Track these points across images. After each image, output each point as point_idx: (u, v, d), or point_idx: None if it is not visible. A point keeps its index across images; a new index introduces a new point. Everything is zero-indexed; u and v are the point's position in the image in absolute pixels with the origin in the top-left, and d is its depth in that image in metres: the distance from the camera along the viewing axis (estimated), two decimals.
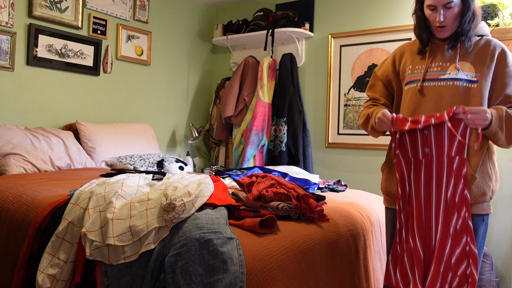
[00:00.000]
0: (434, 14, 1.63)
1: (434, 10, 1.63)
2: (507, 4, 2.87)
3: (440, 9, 1.60)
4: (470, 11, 1.60)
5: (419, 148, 1.62)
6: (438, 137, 1.57)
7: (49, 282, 1.55)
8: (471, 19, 1.61)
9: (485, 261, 2.84)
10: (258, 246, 1.41)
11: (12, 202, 1.95)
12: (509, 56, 1.65)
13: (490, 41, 1.68)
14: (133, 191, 1.73)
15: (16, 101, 2.96)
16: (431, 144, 1.59)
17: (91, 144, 3.05)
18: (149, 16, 3.82)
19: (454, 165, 1.56)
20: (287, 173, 2.51)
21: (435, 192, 1.59)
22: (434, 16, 1.63)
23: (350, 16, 3.66)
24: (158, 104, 3.97)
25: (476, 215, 1.63)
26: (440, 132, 1.56)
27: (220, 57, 4.51)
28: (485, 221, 1.66)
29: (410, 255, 1.63)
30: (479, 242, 1.64)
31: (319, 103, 3.83)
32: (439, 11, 1.61)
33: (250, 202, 1.76)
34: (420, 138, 1.61)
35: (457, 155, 1.57)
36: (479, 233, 1.64)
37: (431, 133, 1.58)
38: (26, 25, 2.98)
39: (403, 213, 1.67)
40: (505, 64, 1.63)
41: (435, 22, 1.63)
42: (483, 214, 1.65)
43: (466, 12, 1.60)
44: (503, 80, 1.62)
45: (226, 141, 4.20)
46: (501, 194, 2.97)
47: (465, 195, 1.54)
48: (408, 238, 1.64)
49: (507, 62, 1.64)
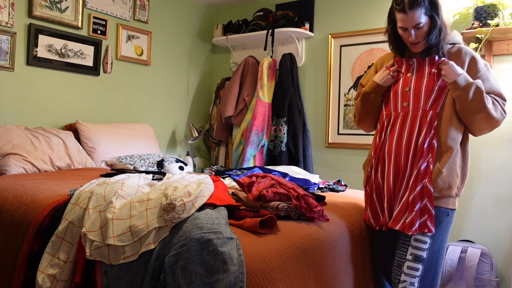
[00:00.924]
0: (406, 33, 1.79)
1: (406, 31, 1.78)
2: (507, 4, 2.87)
3: (411, 30, 1.76)
4: (437, 28, 1.75)
5: (398, 102, 1.87)
6: (416, 93, 1.83)
7: (49, 282, 1.55)
8: (437, 34, 1.76)
9: (485, 261, 2.84)
10: (258, 246, 1.41)
11: (12, 202, 1.95)
12: (480, 62, 1.81)
13: (461, 49, 1.84)
14: (133, 191, 1.73)
15: (16, 101, 2.96)
16: (409, 99, 1.83)
17: (91, 144, 3.05)
18: (149, 16, 3.82)
19: (428, 117, 1.78)
20: (287, 173, 2.50)
21: (406, 139, 1.80)
22: (406, 36, 1.79)
23: (350, 16, 3.66)
24: (158, 104, 3.97)
25: (441, 207, 1.79)
26: (419, 88, 1.83)
27: (220, 57, 4.51)
28: (449, 215, 1.82)
29: (378, 192, 1.90)
30: (441, 234, 1.80)
31: (319, 103, 3.83)
32: (410, 32, 1.76)
33: (250, 202, 1.76)
34: (401, 94, 1.87)
35: (431, 109, 1.79)
36: (442, 225, 1.80)
37: (411, 89, 1.85)
38: (26, 25, 2.98)
39: (375, 158, 1.92)
40: (477, 70, 1.79)
41: (408, 40, 1.79)
42: (448, 208, 1.81)
43: (433, 30, 1.75)
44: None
45: (226, 141, 4.20)
46: (501, 194, 2.97)
47: (433, 143, 1.77)
48: (377, 177, 1.89)
49: (478, 68, 1.79)
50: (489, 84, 1.79)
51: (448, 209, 1.81)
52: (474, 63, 1.80)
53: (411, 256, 1.76)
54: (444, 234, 1.82)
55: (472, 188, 3.08)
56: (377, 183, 1.90)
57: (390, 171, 1.83)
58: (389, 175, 1.84)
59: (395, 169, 1.82)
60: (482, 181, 3.04)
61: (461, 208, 3.11)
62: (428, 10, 1.72)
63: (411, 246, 1.77)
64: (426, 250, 1.76)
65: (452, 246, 2.96)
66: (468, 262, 2.85)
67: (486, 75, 1.80)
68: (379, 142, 1.91)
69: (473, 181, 3.07)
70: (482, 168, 3.04)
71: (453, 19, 3.14)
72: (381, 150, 1.90)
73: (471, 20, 3.00)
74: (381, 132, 1.92)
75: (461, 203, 3.11)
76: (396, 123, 1.85)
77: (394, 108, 1.88)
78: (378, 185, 1.90)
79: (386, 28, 1.89)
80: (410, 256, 1.76)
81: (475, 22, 2.87)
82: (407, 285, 1.75)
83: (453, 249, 2.93)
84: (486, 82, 1.79)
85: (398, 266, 1.80)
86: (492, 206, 3.00)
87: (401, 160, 1.81)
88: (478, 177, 3.05)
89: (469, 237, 3.07)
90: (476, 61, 1.80)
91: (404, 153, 1.80)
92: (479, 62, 1.80)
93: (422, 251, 1.75)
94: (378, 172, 1.90)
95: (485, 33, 2.78)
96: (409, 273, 1.76)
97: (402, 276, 1.77)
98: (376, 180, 1.91)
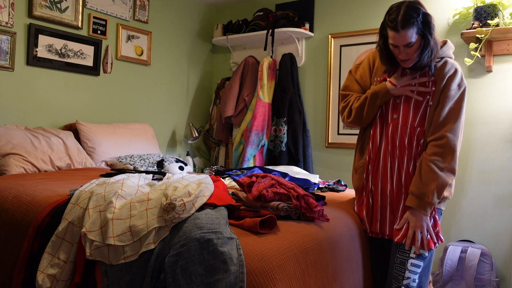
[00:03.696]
0: (397, 50, 1.79)
1: (396, 47, 1.78)
2: (507, 4, 2.87)
3: (401, 48, 1.76)
4: (429, 48, 1.75)
5: (389, 113, 1.91)
6: (405, 106, 1.87)
7: (49, 282, 1.55)
8: (429, 55, 1.76)
9: (485, 261, 2.84)
10: (258, 246, 1.41)
11: (12, 202, 1.95)
12: (457, 79, 1.81)
13: (446, 63, 1.84)
14: (133, 191, 1.73)
15: (16, 101, 2.96)
16: (399, 112, 1.88)
17: (91, 144, 3.05)
18: (149, 16, 3.82)
19: (415, 133, 1.84)
20: (287, 173, 2.50)
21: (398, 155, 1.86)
22: (397, 52, 1.80)
23: (350, 16, 3.66)
24: (158, 104, 3.97)
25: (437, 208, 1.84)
26: (408, 102, 1.87)
27: (220, 57, 4.51)
28: (441, 216, 1.90)
29: (367, 196, 1.95)
30: None
31: (319, 103, 3.83)
32: (400, 49, 1.77)
33: (250, 202, 1.75)
34: (392, 105, 1.91)
35: (418, 126, 1.84)
36: None
37: (401, 102, 1.89)
38: (26, 25, 2.98)
39: (371, 164, 1.94)
40: (449, 87, 1.80)
41: (399, 56, 1.80)
42: (441, 208, 1.89)
43: (425, 49, 1.75)
44: (444, 99, 1.80)
45: (226, 141, 4.20)
46: (501, 194, 2.97)
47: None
48: (368, 183, 1.94)
49: (452, 85, 1.80)
50: (446, 109, 1.79)
51: (441, 209, 1.91)
52: (451, 80, 1.80)
53: (414, 254, 1.80)
54: None
55: (472, 188, 3.08)
56: (368, 190, 1.95)
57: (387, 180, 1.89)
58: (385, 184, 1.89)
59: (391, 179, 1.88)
60: (482, 181, 3.04)
61: (461, 208, 3.12)
62: (420, 30, 1.72)
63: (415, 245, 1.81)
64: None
65: (452, 246, 2.96)
66: (468, 262, 2.85)
67: (452, 96, 1.79)
68: (373, 147, 1.94)
69: (473, 181, 3.07)
70: (482, 168, 3.04)
71: (453, 19, 3.15)
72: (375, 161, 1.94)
73: (471, 20, 3.00)
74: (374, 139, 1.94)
75: (461, 203, 3.11)
76: (388, 135, 1.90)
77: (385, 117, 1.92)
78: (369, 191, 1.95)
79: (378, 43, 1.88)
80: (414, 254, 1.80)
81: (475, 22, 2.88)
82: (411, 281, 1.80)
83: (453, 249, 2.93)
84: (447, 102, 1.78)
85: (401, 263, 1.82)
86: (492, 206, 3.00)
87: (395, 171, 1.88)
88: (478, 177, 3.06)
89: (469, 237, 3.07)
90: (453, 78, 1.80)
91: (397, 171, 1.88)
92: (454, 81, 1.80)
93: (425, 250, 1.81)
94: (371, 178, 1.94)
95: (485, 33, 2.78)
96: (413, 270, 1.80)
97: (406, 273, 1.81)
98: (367, 187, 1.95)
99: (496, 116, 3.00)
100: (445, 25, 3.21)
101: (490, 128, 3.02)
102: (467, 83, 3.06)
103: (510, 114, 2.97)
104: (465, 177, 3.09)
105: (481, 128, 3.03)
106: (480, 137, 3.06)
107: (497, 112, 3.00)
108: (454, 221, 3.13)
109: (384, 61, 1.89)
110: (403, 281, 1.81)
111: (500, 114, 2.99)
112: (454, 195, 3.12)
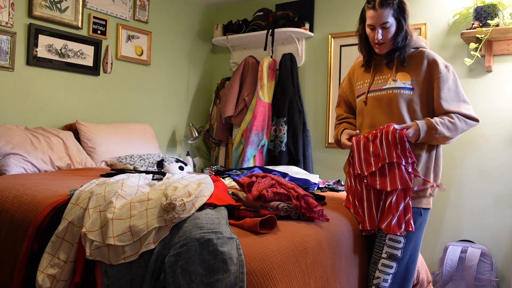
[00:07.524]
0: (373, 33, 1.88)
1: (373, 30, 1.87)
2: (507, 4, 2.87)
3: (378, 29, 1.85)
4: (403, 31, 1.85)
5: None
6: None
7: (49, 282, 1.55)
8: (404, 38, 1.86)
9: (485, 261, 2.84)
10: (258, 246, 1.41)
11: (12, 202, 1.95)
12: (440, 64, 1.86)
13: (423, 52, 1.90)
14: (133, 191, 1.73)
15: (16, 101, 2.96)
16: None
17: (91, 144, 3.05)
18: (149, 16, 3.82)
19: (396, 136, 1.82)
20: (287, 173, 2.50)
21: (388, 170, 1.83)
22: (373, 35, 1.88)
23: (350, 16, 3.66)
24: (158, 104, 3.97)
25: (414, 207, 1.83)
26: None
27: (220, 57, 4.51)
28: (423, 215, 1.87)
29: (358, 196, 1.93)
30: (415, 233, 1.84)
31: (319, 103, 3.83)
32: (377, 30, 1.85)
33: (250, 202, 1.76)
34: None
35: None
36: (416, 225, 1.83)
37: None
38: (26, 25, 2.98)
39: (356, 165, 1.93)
40: (438, 71, 1.84)
41: (374, 40, 1.88)
42: (421, 207, 1.86)
43: (400, 32, 1.85)
44: (438, 85, 1.84)
45: (226, 141, 4.20)
46: (501, 194, 2.97)
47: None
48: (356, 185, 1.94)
49: (439, 69, 1.84)
50: (447, 86, 1.83)
51: (421, 208, 1.87)
52: (435, 65, 1.85)
53: (386, 254, 1.83)
54: (418, 234, 1.88)
55: (472, 188, 3.08)
56: (358, 191, 1.95)
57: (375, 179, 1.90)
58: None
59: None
60: (482, 181, 3.04)
61: (461, 208, 3.12)
62: (396, 13, 1.82)
63: (386, 245, 1.84)
64: (401, 249, 1.82)
65: (452, 246, 2.96)
66: (468, 262, 2.85)
67: (446, 76, 1.84)
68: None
69: (473, 181, 3.07)
70: (482, 168, 3.04)
71: (453, 19, 3.15)
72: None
73: (471, 20, 3.00)
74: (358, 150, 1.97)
75: (461, 203, 3.11)
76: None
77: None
78: (359, 192, 1.95)
79: (357, 28, 1.97)
80: (385, 254, 1.83)
81: (475, 22, 2.88)
82: (381, 281, 1.83)
83: (453, 249, 2.93)
84: (445, 83, 1.83)
85: (374, 263, 1.87)
86: (492, 206, 3.00)
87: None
88: (478, 177, 3.06)
89: (469, 237, 3.07)
90: (437, 63, 1.85)
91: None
92: (439, 64, 1.85)
93: (397, 250, 1.82)
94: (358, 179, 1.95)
95: (485, 33, 2.78)
96: (383, 270, 1.83)
97: (376, 272, 1.84)
98: (356, 188, 1.96)
99: (496, 116, 3.00)
100: (445, 25, 3.21)
101: (490, 128, 3.02)
102: (467, 83, 3.09)
103: (510, 114, 2.97)
104: (465, 177, 3.09)
105: (481, 127, 3.03)
106: (480, 137, 3.06)
107: (497, 112, 3.00)
108: (454, 221, 3.13)
109: (362, 46, 1.97)
110: (373, 280, 1.85)
111: (500, 114, 2.99)
112: (454, 195, 3.12)
